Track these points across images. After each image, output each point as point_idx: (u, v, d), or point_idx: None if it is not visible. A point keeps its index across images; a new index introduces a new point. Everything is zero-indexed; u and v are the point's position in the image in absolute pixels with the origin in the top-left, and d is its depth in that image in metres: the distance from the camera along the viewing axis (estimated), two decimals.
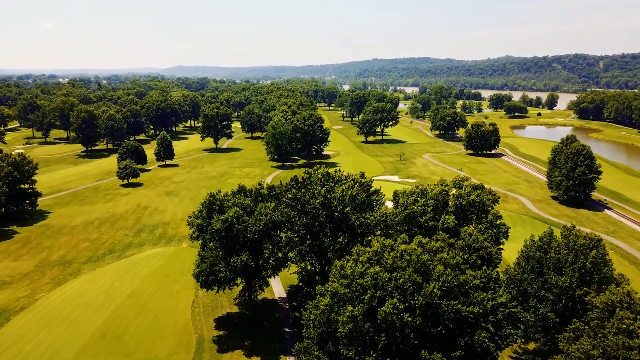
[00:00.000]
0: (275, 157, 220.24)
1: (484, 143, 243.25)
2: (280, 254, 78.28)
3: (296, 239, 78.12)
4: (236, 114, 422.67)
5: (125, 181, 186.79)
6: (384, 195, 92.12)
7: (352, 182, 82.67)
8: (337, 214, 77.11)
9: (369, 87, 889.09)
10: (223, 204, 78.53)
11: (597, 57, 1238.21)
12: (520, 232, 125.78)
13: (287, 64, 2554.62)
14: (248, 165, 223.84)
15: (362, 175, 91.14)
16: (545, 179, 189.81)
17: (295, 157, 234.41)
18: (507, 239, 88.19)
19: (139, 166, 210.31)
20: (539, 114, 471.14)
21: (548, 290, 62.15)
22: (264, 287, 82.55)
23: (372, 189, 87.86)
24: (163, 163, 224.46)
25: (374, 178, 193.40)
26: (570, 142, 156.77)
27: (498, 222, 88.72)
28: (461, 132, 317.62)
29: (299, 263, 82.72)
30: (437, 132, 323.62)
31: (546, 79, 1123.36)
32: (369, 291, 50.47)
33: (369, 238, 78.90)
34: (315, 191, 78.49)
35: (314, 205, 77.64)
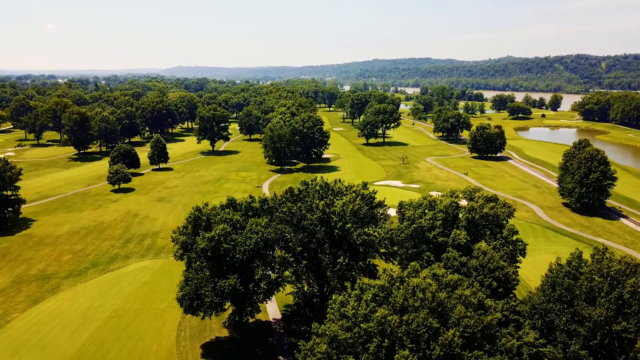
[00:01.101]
0: (273, 160, 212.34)
1: (489, 146, 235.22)
2: (273, 276, 70.19)
3: (291, 259, 70.07)
4: (235, 115, 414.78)
5: (116, 186, 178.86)
6: (388, 207, 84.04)
7: (353, 194, 74.64)
8: (336, 230, 69.15)
9: (370, 88, 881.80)
10: (210, 220, 70.53)
11: (599, 57, 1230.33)
12: (532, 243, 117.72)
13: (287, 65, 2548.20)
14: (245, 169, 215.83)
15: (365, 185, 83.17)
16: (555, 184, 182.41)
17: (294, 161, 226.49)
18: (524, 257, 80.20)
19: (132, 170, 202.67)
20: (543, 116, 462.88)
21: (579, 324, 54.08)
22: (255, 313, 74.24)
23: (376, 200, 79.76)
24: (157, 167, 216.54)
25: (376, 183, 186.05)
26: (583, 146, 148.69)
27: (514, 237, 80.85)
28: (465, 135, 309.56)
29: (295, 284, 74.65)
30: (440, 134, 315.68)
31: (548, 80, 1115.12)
32: (374, 339, 42.26)
33: (372, 260, 70.97)
34: (313, 205, 70.50)
35: (311, 221, 69.62)
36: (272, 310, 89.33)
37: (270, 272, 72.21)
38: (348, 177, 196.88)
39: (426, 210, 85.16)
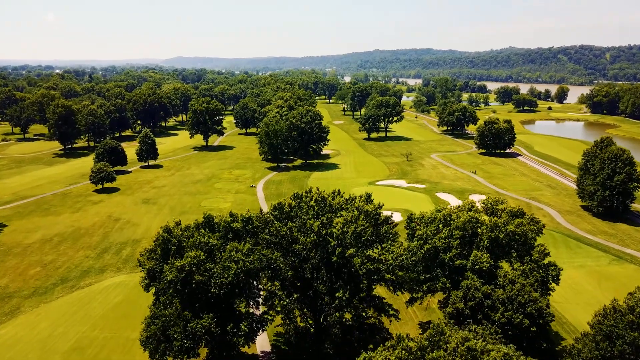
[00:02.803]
0: (269, 157, 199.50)
1: (498, 142, 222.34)
2: (259, 312, 57.88)
3: (279, 292, 57.66)
4: (231, 107, 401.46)
5: (99, 186, 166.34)
6: (397, 224, 71.45)
7: (355, 211, 62.10)
8: (335, 257, 56.69)
9: (371, 79, 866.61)
10: (182, 243, 58.06)
11: (603, 48, 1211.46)
12: (553, 255, 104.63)
13: (287, 55, 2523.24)
14: (239, 166, 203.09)
15: (369, 197, 70.67)
16: (571, 184, 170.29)
17: (292, 157, 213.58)
18: (557, 284, 67.77)
19: (118, 168, 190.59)
20: (550, 108, 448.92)
21: None
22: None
23: (382, 216, 67.19)
24: (146, 164, 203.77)
25: (379, 182, 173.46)
26: (605, 144, 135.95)
27: (546, 260, 68.40)
28: (471, 129, 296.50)
29: (285, 319, 62.21)
30: (445, 128, 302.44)
31: (552, 71, 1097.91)
32: None
33: (376, 292, 58.61)
34: (307, 225, 57.99)
35: (304, 245, 57.21)
36: (260, 339, 77.03)
37: (254, 309, 59.85)
38: (349, 176, 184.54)
39: (440, 226, 72.73)
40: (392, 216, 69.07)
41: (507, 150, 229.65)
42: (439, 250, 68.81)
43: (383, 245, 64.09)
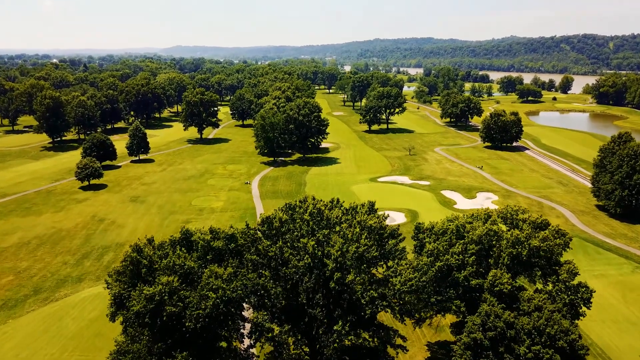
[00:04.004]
0: (266, 151, 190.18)
1: (504, 135, 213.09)
2: (243, 347, 49.33)
3: (267, 325, 49.03)
4: (228, 98, 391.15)
5: (86, 183, 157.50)
6: (404, 237, 62.67)
7: (357, 226, 53.29)
8: (333, 284, 48.04)
9: (371, 68, 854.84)
10: (153, 265, 49.35)
11: (606, 37, 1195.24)
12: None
13: (287, 44, 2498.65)
14: (234, 160, 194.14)
15: (372, 207, 61.80)
16: (582, 180, 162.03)
17: (289, 151, 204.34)
18: (589, 308, 59.11)
19: (107, 163, 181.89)
20: (554, 99, 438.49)
21: None
22: None
23: (387, 229, 58.40)
24: (136, 158, 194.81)
25: (381, 179, 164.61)
26: (624, 140, 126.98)
27: (575, 281, 59.75)
28: (476, 121, 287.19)
29: (275, 354, 53.55)
30: (448, 119, 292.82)
31: (554, 60, 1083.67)
32: None
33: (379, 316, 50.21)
34: (300, 244, 49.29)
35: (296, 269, 48.54)
36: None
37: (238, 343, 51.24)
38: (349, 171, 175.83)
39: (453, 238, 63.95)
40: (398, 229, 60.28)
41: (514, 144, 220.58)
42: (452, 268, 60.16)
43: (389, 264, 55.41)
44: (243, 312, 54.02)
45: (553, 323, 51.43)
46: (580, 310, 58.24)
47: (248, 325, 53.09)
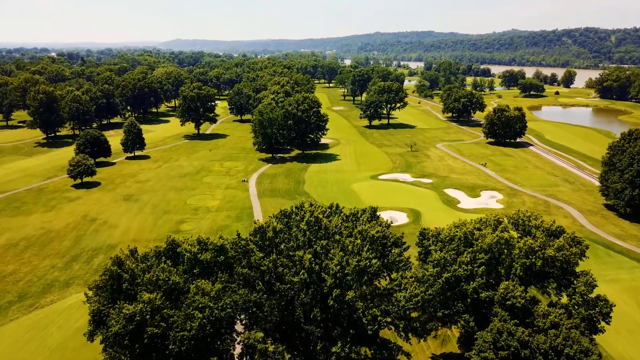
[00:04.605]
0: (264, 147, 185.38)
1: (508, 131, 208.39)
2: None
3: (260, 346, 44.75)
4: (227, 92, 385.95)
5: (78, 181, 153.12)
6: (408, 246, 58.25)
7: (358, 237, 48.91)
8: (332, 301, 43.74)
9: (372, 62, 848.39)
10: (135, 279, 45.04)
11: (608, 31, 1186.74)
12: (580, 265, 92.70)
13: (287, 38, 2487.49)
14: (232, 157, 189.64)
15: (374, 213, 57.42)
16: (588, 178, 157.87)
17: (288, 147, 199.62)
18: (609, 323, 54.86)
19: (102, 159, 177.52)
20: (557, 93, 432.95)
21: None
22: None
23: (391, 238, 54.02)
24: (131, 154, 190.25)
25: (382, 176, 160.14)
26: (635, 137, 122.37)
27: (593, 294, 55.45)
28: (478, 116, 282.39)
29: None
30: (450, 114, 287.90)
31: (556, 54, 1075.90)
32: None
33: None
34: (296, 258, 44.97)
35: (291, 285, 44.24)
36: None
37: None
38: (349, 169, 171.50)
39: (461, 247, 59.62)
40: (402, 236, 55.95)
41: (518, 140, 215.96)
42: (460, 279, 55.89)
43: (392, 277, 51.12)
44: (235, 326, 49.76)
45: (572, 342, 47.21)
46: (599, 326, 54.03)
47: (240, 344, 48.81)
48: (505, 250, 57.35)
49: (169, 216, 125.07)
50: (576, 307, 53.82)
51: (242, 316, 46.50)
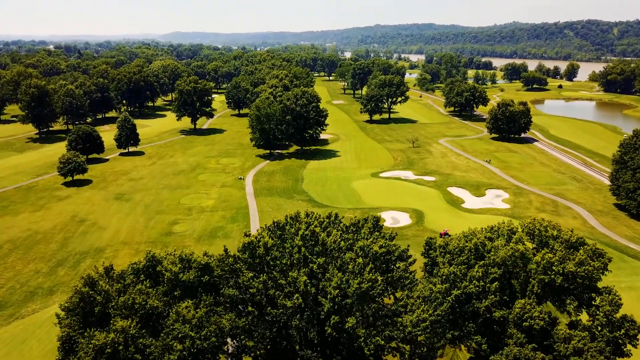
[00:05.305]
0: (261, 143, 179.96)
1: (512, 126, 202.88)
2: None
3: None
4: (225, 86, 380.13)
5: (69, 178, 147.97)
6: (414, 260, 53.11)
7: (359, 255, 43.81)
8: (330, 329, 38.67)
9: (372, 55, 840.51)
10: (109, 301, 39.98)
11: (611, 23, 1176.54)
12: None
13: (286, 30, 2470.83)
14: (228, 153, 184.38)
15: (376, 223, 52.37)
16: (597, 176, 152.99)
17: (286, 143, 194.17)
18: (636, 347, 49.79)
19: (94, 156, 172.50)
20: (560, 87, 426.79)
21: None
22: None
23: (396, 251, 48.91)
24: (125, 150, 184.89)
25: (383, 174, 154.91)
26: None
27: (619, 314, 50.36)
28: (481, 111, 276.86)
29: None
30: (452, 109, 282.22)
31: (558, 47, 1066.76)
32: None
33: None
34: (289, 278, 39.86)
35: (284, 310, 39.17)
36: None
37: None
38: (349, 166, 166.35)
39: (471, 259, 54.47)
40: (408, 249, 50.82)
41: (522, 135, 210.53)
42: (472, 296, 50.83)
43: (397, 295, 46.07)
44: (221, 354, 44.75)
45: None
46: (625, 349, 49.01)
47: None
48: (520, 264, 52.26)
49: (162, 217, 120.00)
50: (599, 327, 48.77)
51: (230, 342, 41.53)
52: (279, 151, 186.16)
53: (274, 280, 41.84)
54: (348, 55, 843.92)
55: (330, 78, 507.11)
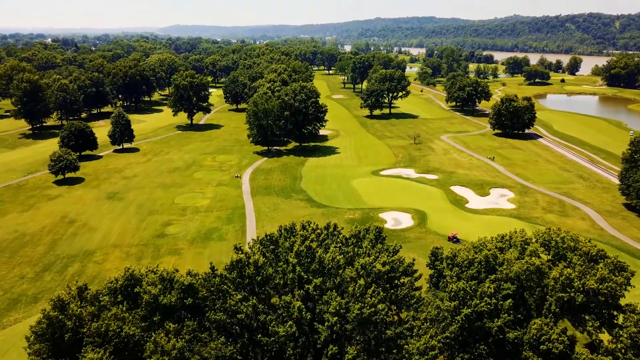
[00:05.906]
0: (259, 139, 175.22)
1: (516, 122, 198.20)
2: None
3: None
4: (223, 80, 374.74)
5: (60, 176, 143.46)
6: (420, 275, 48.80)
7: (362, 273, 39.45)
8: (327, 359, 34.36)
9: (372, 48, 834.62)
10: (80, 328, 35.66)
11: (613, 16, 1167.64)
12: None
13: (286, 23, 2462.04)
14: (225, 150, 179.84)
15: (379, 234, 48.02)
16: (603, 174, 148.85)
17: (285, 140, 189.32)
18: None
19: (87, 152, 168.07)
20: (563, 81, 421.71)
21: None
22: None
23: (401, 267, 44.59)
24: (120, 147, 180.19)
25: (384, 172, 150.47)
26: None
27: None
28: (484, 106, 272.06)
29: None
30: (454, 103, 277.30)
31: (559, 40, 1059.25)
32: None
33: None
34: (282, 301, 35.53)
35: (276, 338, 34.87)
36: None
37: None
38: (349, 163, 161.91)
39: (482, 273, 50.13)
40: (413, 263, 46.52)
41: (526, 131, 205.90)
42: (483, 315, 46.55)
43: (402, 316, 41.80)
44: None
45: None
46: None
47: None
48: (536, 279, 47.95)
49: (155, 217, 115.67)
50: (623, 350, 44.55)
51: None
52: (277, 148, 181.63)
53: (265, 301, 37.64)
54: (348, 48, 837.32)
55: (330, 72, 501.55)
